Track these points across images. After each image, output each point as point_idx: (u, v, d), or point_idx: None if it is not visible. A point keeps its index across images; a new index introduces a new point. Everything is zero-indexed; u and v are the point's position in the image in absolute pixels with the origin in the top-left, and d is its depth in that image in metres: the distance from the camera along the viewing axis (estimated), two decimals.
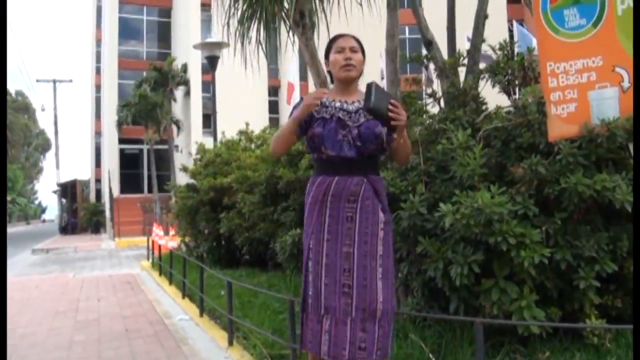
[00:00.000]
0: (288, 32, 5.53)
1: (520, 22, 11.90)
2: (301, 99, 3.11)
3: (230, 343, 4.71)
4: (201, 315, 6.02)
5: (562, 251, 3.42)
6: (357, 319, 2.85)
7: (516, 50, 5.02)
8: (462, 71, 5.18)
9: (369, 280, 2.87)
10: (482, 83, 4.87)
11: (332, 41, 3.13)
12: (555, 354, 3.39)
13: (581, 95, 3.62)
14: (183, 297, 7.31)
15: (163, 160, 28.63)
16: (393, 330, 2.97)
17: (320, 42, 4.58)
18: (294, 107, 3.09)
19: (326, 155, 2.96)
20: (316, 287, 2.91)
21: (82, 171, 48.18)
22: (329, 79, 3.24)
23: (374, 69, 9.90)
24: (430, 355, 3.45)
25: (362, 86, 3.01)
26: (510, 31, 12.18)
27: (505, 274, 3.43)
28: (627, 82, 3.57)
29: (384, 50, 4.95)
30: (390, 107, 2.77)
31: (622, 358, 3.24)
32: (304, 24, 5.05)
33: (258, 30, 5.34)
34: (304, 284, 2.99)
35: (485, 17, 5.36)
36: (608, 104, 3.58)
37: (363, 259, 2.88)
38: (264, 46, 5.36)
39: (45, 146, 71.46)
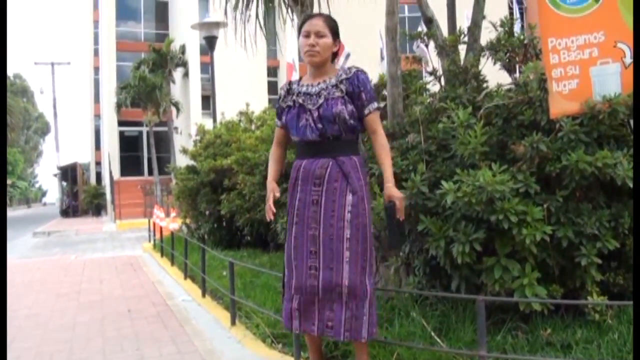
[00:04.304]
0: (287, 10, 5.46)
1: None
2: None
3: (233, 323, 4.73)
4: (203, 296, 6.05)
5: (563, 228, 3.41)
6: (324, 299, 2.90)
7: (516, 27, 4.97)
8: (462, 49, 5.13)
9: (335, 264, 2.89)
10: (482, 60, 4.83)
11: (302, 23, 3.11)
12: (557, 330, 3.40)
13: (583, 71, 3.59)
14: (185, 279, 7.33)
15: (163, 142, 28.58)
16: (372, 313, 2.91)
17: None
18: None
19: (295, 141, 3.08)
20: (289, 268, 3.00)
21: (82, 154, 48.17)
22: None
23: (375, 47, 9.84)
24: (432, 334, 3.46)
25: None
26: (511, 8, 12.06)
27: (507, 251, 3.43)
28: (628, 58, 3.54)
29: (383, 29, 4.90)
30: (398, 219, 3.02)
31: (624, 334, 3.25)
32: (302, 2, 4.98)
33: (257, 8, 5.29)
34: (284, 264, 3.11)
35: None
36: (610, 80, 3.56)
37: (329, 242, 2.90)
38: (262, 25, 5.31)
39: (44, 129, 71.52)
